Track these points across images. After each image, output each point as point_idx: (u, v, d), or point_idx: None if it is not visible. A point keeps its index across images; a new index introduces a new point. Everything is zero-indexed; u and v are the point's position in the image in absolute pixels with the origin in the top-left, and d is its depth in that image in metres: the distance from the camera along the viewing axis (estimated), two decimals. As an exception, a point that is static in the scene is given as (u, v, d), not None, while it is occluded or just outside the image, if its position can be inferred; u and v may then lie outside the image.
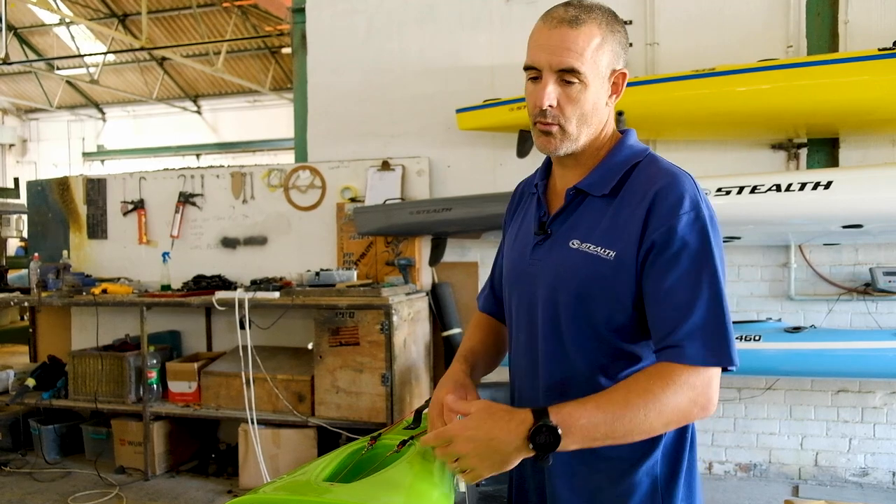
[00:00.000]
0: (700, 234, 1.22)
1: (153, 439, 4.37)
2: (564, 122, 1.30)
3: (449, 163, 4.60)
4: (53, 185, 5.47)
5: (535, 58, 1.30)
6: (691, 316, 1.20)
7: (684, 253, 1.22)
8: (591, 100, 1.30)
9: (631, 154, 1.35)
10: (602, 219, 1.31)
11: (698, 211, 1.24)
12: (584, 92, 1.29)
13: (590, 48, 1.27)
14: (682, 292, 1.21)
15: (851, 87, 3.53)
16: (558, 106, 1.29)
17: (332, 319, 4.02)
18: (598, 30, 1.29)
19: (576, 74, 1.27)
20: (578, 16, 1.29)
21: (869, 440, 4.03)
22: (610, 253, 1.27)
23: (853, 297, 3.95)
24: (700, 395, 1.18)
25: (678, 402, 1.17)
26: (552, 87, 1.28)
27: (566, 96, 1.29)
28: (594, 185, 1.34)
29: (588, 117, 1.32)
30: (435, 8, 4.66)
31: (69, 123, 16.50)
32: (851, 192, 3.36)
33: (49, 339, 5.43)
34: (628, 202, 1.29)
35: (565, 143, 1.32)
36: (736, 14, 4.11)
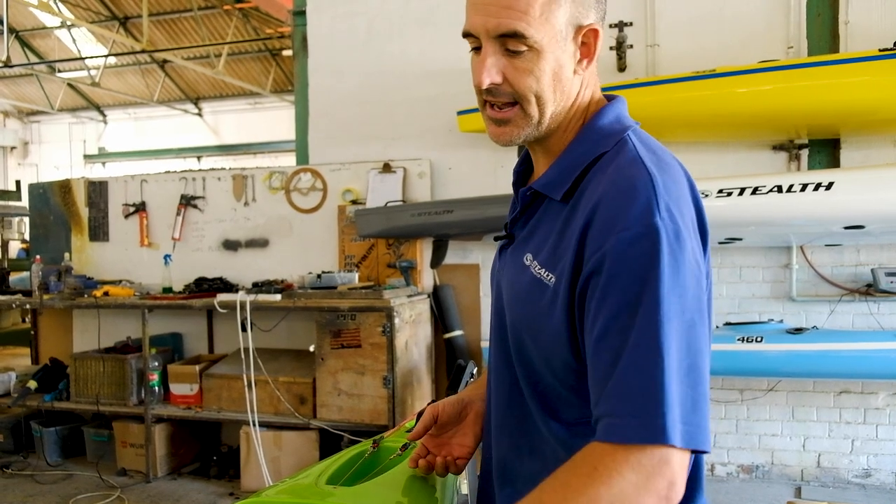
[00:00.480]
0: (642, 258, 0.87)
1: (155, 441, 4.37)
2: (520, 97, 1.01)
3: (450, 165, 4.61)
4: (55, 187, 5.48)
5: (470, 21, 1.02)
6: (617, 373, 0.85)
7: (615, 286, 0.88)
8: (548, 70, 1.00)
9: (599, 139, 1.02)
10: (554, 226, 1.02)
11: (648, 225, 0.88)
12: (537, 61, 0.99)
13: (536, 4, 0.97)
14: (610, 340, 0.87)
15: (852, 88, 3.52)
16: (506, 82, 1.00)
17: (333, 322, 4.02)
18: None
19: (521, 40, 0.98)
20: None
21: (872, 441, 4.02)
22: (551, 278, 0.98)
23: (855, 297, 3.95)
24: (651, 479, 0.81)
25: (615, 495, 0.81)
26: (493, 58, 1.00)
27: (514, 69, 0.99)
28: (550, 184, 1.04)
29: (549, 92, 1.01)
30: (435, 10, 4.66)
31: (70, 126, 16.53)
32: (853, 193, 3.36)
33: (51, 341, 5.43)
34: (584, 205, 0.97)
35: (526, 128, 1.03)
36: (736, 15, 4.11)
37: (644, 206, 0.89)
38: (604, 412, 0.86)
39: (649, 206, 0.89)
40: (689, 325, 0.87)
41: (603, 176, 0.97)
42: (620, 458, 0.82)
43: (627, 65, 4.25)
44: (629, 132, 1.03)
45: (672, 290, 0.86)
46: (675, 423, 0.82)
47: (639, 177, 0.92)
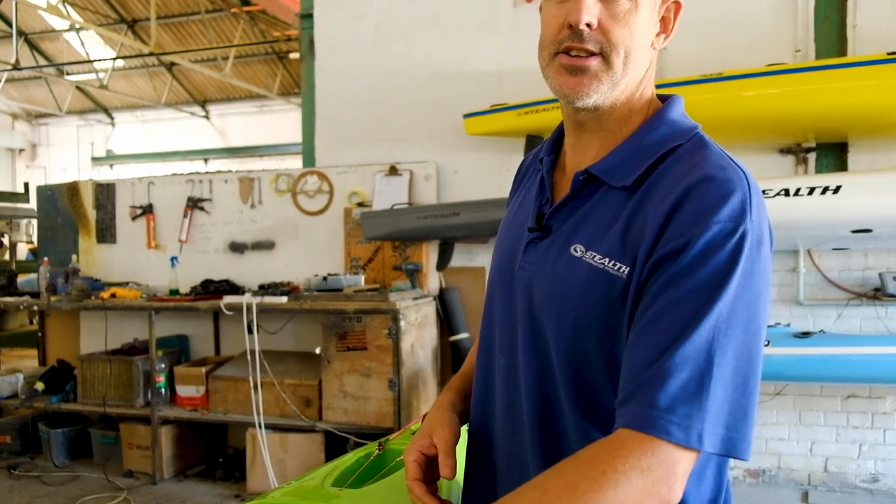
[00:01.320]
0: (730, 254, 0.83)
1: (161, 443, 4.39)
2: (609, 48, 0.93)
3: (456, 168, 4.61)
4: (63, 189, 5.50)
5: None
6: (668, 357, 0.80)
7: (695, 272, 0.83)
8: (640, 25, 0.94)
9: (671, 133, 0.97)
10: (618, 216, 0.93)
11: (740, 223, 0.85)
12: (634, 12, 0.93)
13: None
14: (669, 322, 0.82)
15: (860, 92, 3.51)
16: (600, 27, 0.92)
17: (339, 324, 4.02)
18: None
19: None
20: None
21: (879, 446, 4.00)
22: (622, 269, 0.90)
23: (863, 301, 3.93)
24: (658, 485, 0.78)
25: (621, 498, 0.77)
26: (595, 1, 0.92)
27: (610, 15, 0.92)
28: (612, 171, 0.96)
29: (634, 52, 0.94)
30: (442, 13, 4.67)
31: (78, 128, 16.61)
32: (861, 197, 3.34)
33: (58, 343, 5.46)
34: (652, 199, 0.91)
35: (603, 84, 0.94)
36: (744, 18, 4.10)
37: (739, 205, 0.86)
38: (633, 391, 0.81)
39: (743, 208, 0.86)
40: (753, 334, 0.85)
41: (682, 168, 0.91)
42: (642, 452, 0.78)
43: (634, 68, 4.24)
44: (700, 129, 1.00)
45: (744, 295, 0.83)
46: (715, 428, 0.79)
47: (735, 177, 0.89)
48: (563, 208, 1.00)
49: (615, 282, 0.90)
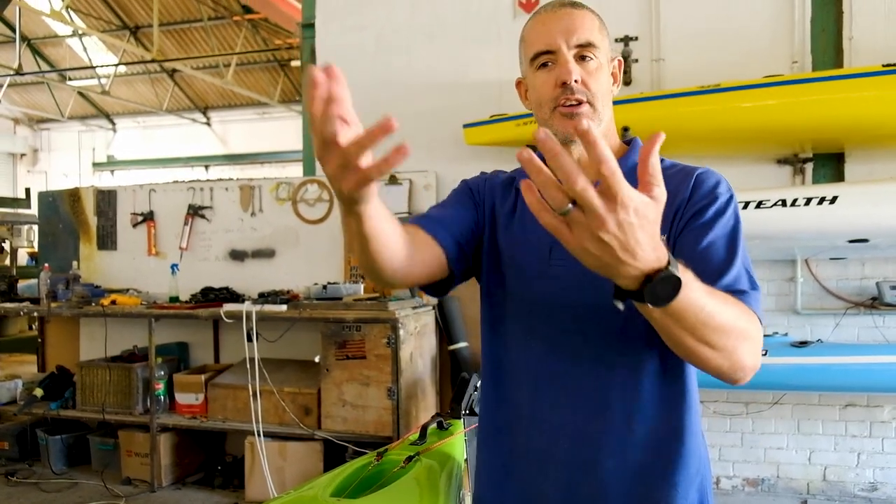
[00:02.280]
0: (735, 213, 1.21)
1: (160, 451, 4.39)
2: (591, 97, 1.24)
3: (456, 177, 4.58)
4: (65, 196, 5.52)
5: (548, 40, 1.26)
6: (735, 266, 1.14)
7: (723, 220, 1.18)
8: (605, 80, 1.27)
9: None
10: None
11: (733, 195, 1.23)
12: (601, 68, 1.26)
13: (595, 28, 1.27)
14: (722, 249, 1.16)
15: (857, 103, 3.54)
16: (582, 82, 1.24)
17: (338, 333, 4.03)
18: (594, 16, 1.30)
19: (593, 49, 1.25)
20: (574, 2, 1.30)
21: (878, 455, 4.01)
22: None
23: (860, 311, 3.94)
24: (757, 349, 1.09)
25: (752, 333, 1.06)
26: (574, 63, 1.24)
27: (587, 72, 1.24)
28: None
29: (606, 99, 1.27)
30: (443, 24, 4.70)
31: (80, 134, 16.66)
32: (857, 207, 3.37)
33: (57, 349, 5.47)
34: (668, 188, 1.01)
35: (594, 122, 1.23)
36: (741, 30, 4.13)
37: (726, 186, 1.24)
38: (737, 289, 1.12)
39: (729, 187, 1.24)
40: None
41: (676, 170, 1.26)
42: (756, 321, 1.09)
43: (633, 79, 4.28)
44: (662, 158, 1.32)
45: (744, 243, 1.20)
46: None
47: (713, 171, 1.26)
48: None
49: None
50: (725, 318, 1.00)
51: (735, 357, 1.04)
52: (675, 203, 1.19)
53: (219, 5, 12.45)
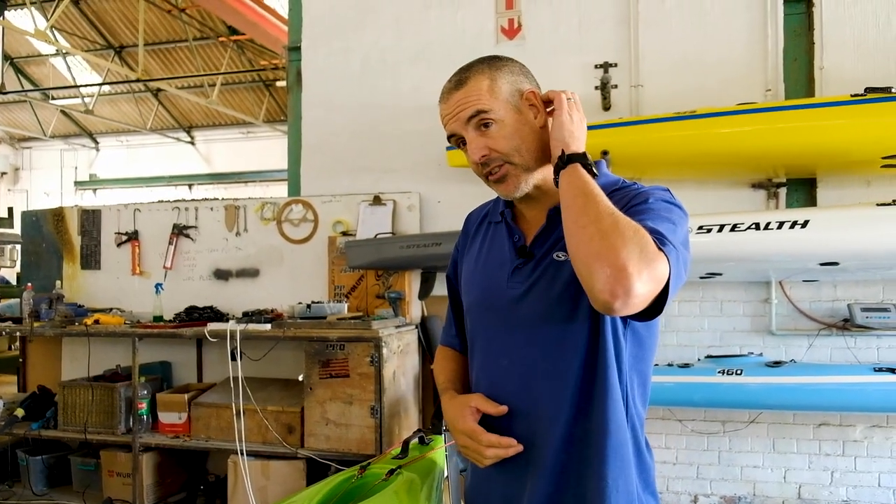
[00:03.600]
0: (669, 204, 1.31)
1: (142, 470, 4.38)
2: (507, 157, 1.37)
3: (439, 198, 4.70)
4: (48, 215, 5.53)
5: (450, 127, 1.41)
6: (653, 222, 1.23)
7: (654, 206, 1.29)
8: (515, 128, 1.37)
9: (608, 181, 1.41)
10: None
11: (674, 199, 1.34)
12: (504, 126, 1.36)
13: (483, 91, 1.36)
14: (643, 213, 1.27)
15: (827, 131, 3.66)
16: (490, 149, 1.36)
17: (322, 351, 4.07)
18: (483, 75, 1.38)
19: (485, 114, 1.36)
20: (461, 77, 1.40)
21: (850, 473, 4.09)
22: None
23: (832, 332, 4.04)
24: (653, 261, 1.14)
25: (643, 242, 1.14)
26: (475, 138, 1.37)
27: (491, 138, 1.36)
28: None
29: (524, 143, 1.37)
30: (428, 48, 4.80)
31: (62, 152, 16.61)
32: (828, 231, 3.47)
33: (39, 369, 5.44)
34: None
35: (522, 177, 1.38)
36: (717, 59, 4.26)
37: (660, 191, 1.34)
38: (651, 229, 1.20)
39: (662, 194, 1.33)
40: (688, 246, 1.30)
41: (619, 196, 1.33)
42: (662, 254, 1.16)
43: (612, 104, 4.39)
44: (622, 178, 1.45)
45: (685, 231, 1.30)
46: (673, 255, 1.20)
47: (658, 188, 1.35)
48: (541, 237, 1.41)
49: None
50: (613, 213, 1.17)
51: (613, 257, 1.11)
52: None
53: (205, 26, 12.53)
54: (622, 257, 1.10)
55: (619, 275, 1.09)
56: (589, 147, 1.37)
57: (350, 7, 5.00)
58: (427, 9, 4.83)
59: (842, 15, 4.09)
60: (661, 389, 3.85)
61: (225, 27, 12.16)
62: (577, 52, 4.49)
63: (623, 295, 1.10)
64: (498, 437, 1.36)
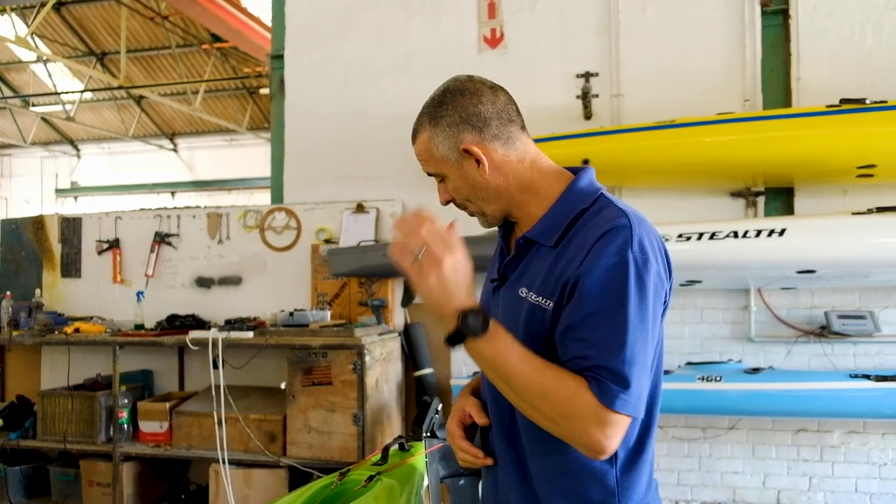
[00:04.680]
0: (620, 280, 1.21)
1: (122, 480, 4.34)
2: (469, 205, 1.45)
3: (422, 206, 4.70)
4: (28, 223, 5.48)
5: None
6: (601, 355, 1.19)
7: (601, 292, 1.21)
8: (462, 183, 1.40)
9: (578, 200, 1.35)
10: (544, 266, 1.32)
11: (623, 257, 1.21)
12: (451, 180, 1.42)
13: (427, 150, 1.41)
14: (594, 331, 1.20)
15: (803, 140, 3.72)
16: (451, 199, 1.46)
17: (305, 359, 4.06)
18: (426, 131, 1.40)
19: (437, 175, 1.44)
20: (414, 130, 1.44)
21: (828, 479, 4.14)
22: (549, 302, 1.29)
23: (810, 339, 4.09)
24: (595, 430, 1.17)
25: (573, 413, 1.17)
26: (439, 185, 1.46)
27: (446, 189, 1.44)
28: (542, 234, 1.36)
29: (477, 194, 1.41)
30: (410, 57, 4.83)
31: (43, 160, 16.44)
32: (804, 239, 3.52)
33: (18, 378, 5.38)
34: (570, 252, 1.28)
35: (486, 212, 1.44)
36: (696, 69, 4.32)
37: (624, 243, 1.22)
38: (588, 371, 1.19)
39: (627, 244, 1.22)
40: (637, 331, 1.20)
41: (589, 227, 1.28)
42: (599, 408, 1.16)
43: (593, 113, 4.43)
44: (602, 192, 1.37)
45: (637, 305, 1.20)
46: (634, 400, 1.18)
47: (623, 226, 1.24)
48: (511, 263, 1.42)
49: (544, 312, 1.30)
50: (535, 381, 1.19)
51: (559, 427, 1.19)
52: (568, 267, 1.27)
53: (188, 33, 12.49)
54: (574, 435, 1.19)
55: (586, 448, 1.20)
56: (571, 156, 1.44)
57: (333, 16, 5.02)
58: (409, 19, 4.86)
59: (817, 27, 4.17)
60: (642, 396, 3.88)
61: (208, 34, 12.12)
62: (558, 61, 4.54)
63: (599, 454, 1.20)
64: (469, 446, 1.45)
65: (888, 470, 4.05)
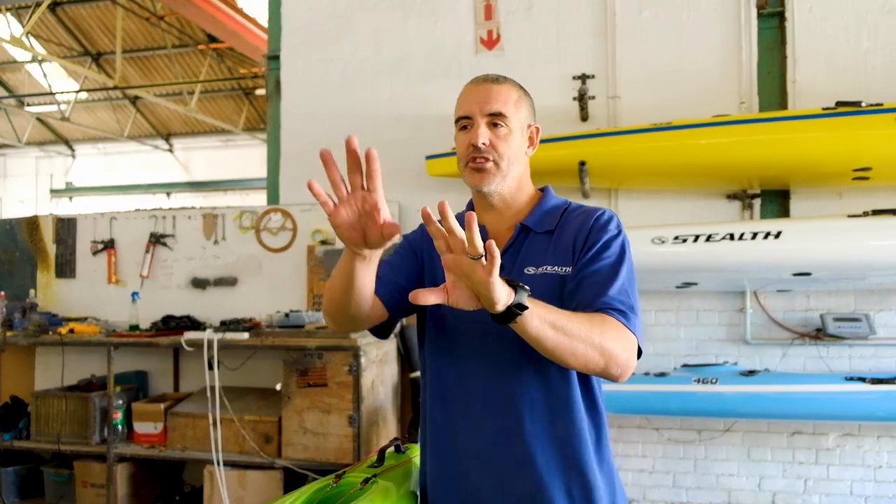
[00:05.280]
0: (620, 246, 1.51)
1: (116, 481, 4.33)
2: (497, 157, 1.53)
3: (418, 207, 4.66)
4: (23, 223, 5.46)
5: (466, 109, 1.57)
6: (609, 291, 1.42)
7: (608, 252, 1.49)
8: (514, 143, 1.55)
9: (559, 201, 1.65)
10: (548, 247, 1.55)
11: (620, 229, 1.55)
12: (510, 135, 1.54)
13: (511, 101, 1.55)
14: (603, 276, 1.45)
15: (799, 143, 3.73)
16: (490, 144, 1.53)
17: (300, 360, 4.05)
18: (515, 90, 1.59)
19: (503, 118, 1.53)
20: (499, 77, 1.59)
21: (823, 481, 4.14)
22: (566, 269, 1.51)
23: (805, 341, 4.10)
24: (627, 348, 1.38)
25: (614, 336, 1.36)
26: (484, 128, 1.53)
27: (496, 136, 1.53)
28: (538, 223, 1.59)
29: (514, 158, 1.55)
30: (407, 58, 4.83)
31: (37, 160, 16.40)
32: (800, 242, 3.53)
33: (11, 378, 5.35)
34: (568, 231, 1.55)
35: (497, 178, 1.54)
36: (693, 71, 4.33)
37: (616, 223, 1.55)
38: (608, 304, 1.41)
39: (619, 224, 1.56)
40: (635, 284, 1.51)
41: (579, 213, 1.58)
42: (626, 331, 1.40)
43: (589, 115, 4.43)
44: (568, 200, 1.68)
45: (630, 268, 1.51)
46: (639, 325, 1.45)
47: (605, 209, 1.58)
48: (508, 250, 1.57)
49: (563, 277, 1.51)
50: (576, 330, 1.31)
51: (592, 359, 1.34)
52: (577, 238, 1.53)
53: (184, 34, 12.47)
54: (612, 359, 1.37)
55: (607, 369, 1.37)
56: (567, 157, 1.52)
57: (330, 17, 5.01)
58: (406, 20, 4.85)
59: (813, 30, 4.18)
60: (637, 398, 3.88)
61: (204, 35, 12.09)
62: (555, 63, 4.54)
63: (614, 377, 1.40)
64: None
65: (883, 472, 4.06)
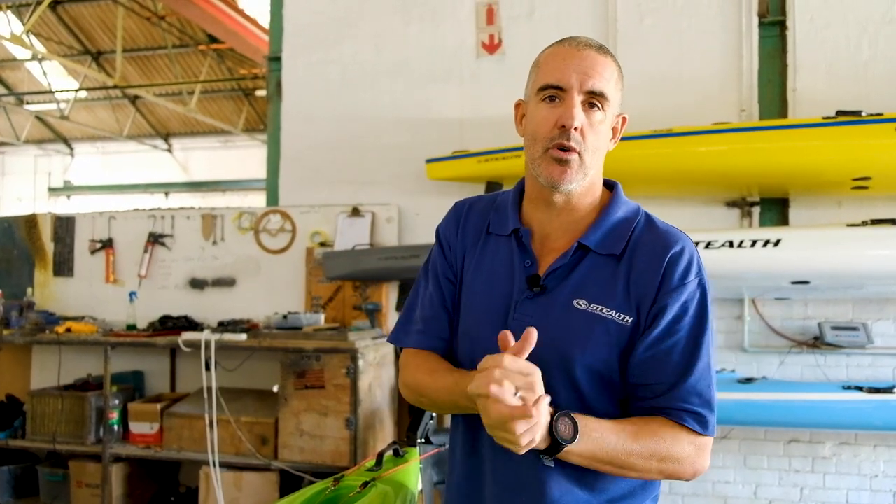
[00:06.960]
0: (700, 303, 1.22)
1: (111, 481, 4.31)
2: (584, 150, 1.20)
3: (418, 211, 4.72)
4: (21, 222, 5.45)
5: (561, 76, 1.22)
6: (689, 379, 1.19)
7: (686, 319, 1.21)
8: (604, 134, 1.24)
9: (629, 210, 1.29)
10: (612, 280, 1.23)
11: (701, 279, 1.23)
12: (603, 122, 1.22)
13: (613, 80, 1.23)
14: (679, 356, 1.20)
15: (799, 152, 3.73)
16: (581, 131, 1.20)
17: (298, 362, 4.05)
18: (617, 67, 1.26)
19: (603, 100, 1.21)
20: (602, 46, 1.26)
21: (819, 490, 4.14)
22: (626, 319, 1.22)
23: (803, 349, 4.10)
24: (697, 459, 1.21)
25: (678, 457, 1.19)
26: (580, 108, 1.20)
27: (589, 123, 1.21)
28: (599, 242, 1.26)
29: (599, 153, 1.24)
30: (408, 61, 4.83)
31: (36, 158, 16.37)
32: (799, 250, 3.53)
33: (7, 377, 5.33)
34: (637, 269, 1.23)
35: (578, 175, 1.22)
36: (693, 79, 4.34)
37: (698, 265, 1.23)
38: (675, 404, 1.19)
39: (699, 268, 1.23)
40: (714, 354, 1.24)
41: (652, 238, 1.25)
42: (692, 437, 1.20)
43: (590, 121, 4.43)
44: (641, 207, 1.33)
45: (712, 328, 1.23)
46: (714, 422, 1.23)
47: (684, 240, 1.25)
48: (557, 271, 1.26)
49: (621, 328, 1.21)
50: (627, 460, 1.16)
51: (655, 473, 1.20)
52: (646, 287, 1.21)
53: (184, 34, 12.48)
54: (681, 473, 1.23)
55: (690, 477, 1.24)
56: None
57: (331, 19, 5.02)
58: (407, 24, 4.86)
59: (814, 39, 4.19)
60: (635, 404, 3.88)
61: (205, 35, 12.09)
62: (556, 68, 4.54)
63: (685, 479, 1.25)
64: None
65: (879, 482, 4.06)
